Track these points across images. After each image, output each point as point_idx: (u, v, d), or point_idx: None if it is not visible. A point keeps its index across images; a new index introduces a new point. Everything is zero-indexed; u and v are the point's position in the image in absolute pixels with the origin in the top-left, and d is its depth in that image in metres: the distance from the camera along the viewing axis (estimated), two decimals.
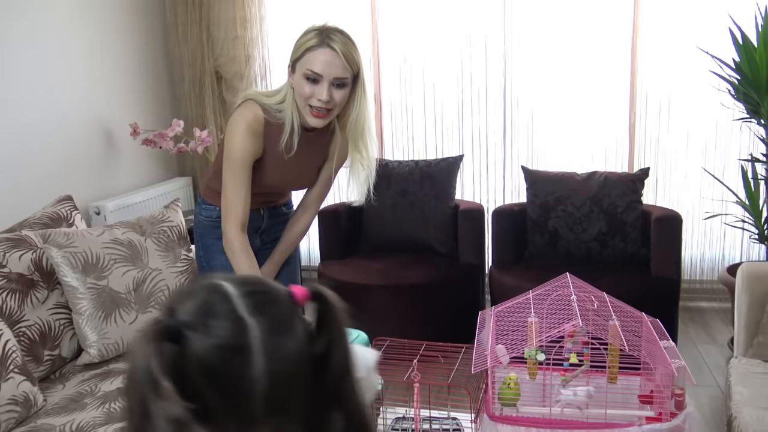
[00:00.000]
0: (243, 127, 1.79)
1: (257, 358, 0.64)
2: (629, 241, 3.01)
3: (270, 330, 0.65)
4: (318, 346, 0.69)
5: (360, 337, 1.54)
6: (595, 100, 3.47)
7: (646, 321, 1.41)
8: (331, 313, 0.70)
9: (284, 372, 0.65)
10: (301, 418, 0.69)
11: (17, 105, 2.66)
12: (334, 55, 1.69)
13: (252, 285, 0.69)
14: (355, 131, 1.84)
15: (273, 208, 2.05)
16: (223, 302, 0.66)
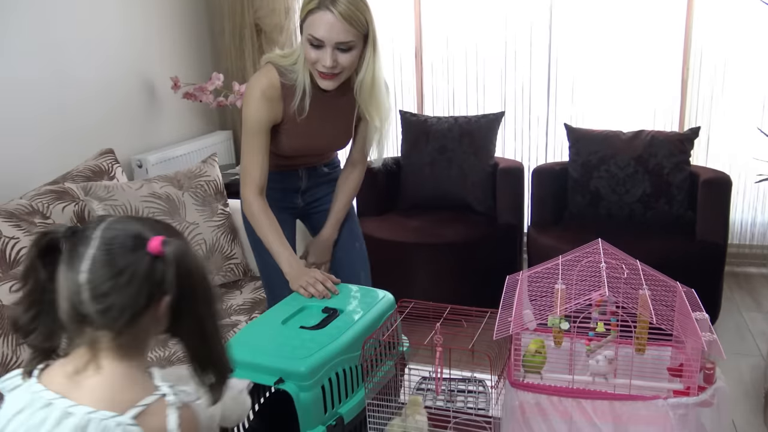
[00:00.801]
0: (257, 94, 1.77)
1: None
2: (675, 204, 2.90)
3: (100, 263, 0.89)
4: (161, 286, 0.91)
5: (386, 298, 1.53)
6: (645, 55, 3.31)
7: (680, 291, 1.36)
8: (170, 266, 0.89)
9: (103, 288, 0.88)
10: (119, 327, 0.90)
11: (61, 59, 2.70)
12: (335, 19, 1.60)
13: (115, 231, 0.92)
14: (363, 93, 1.77)
15: (312, 168, 2.02)
16: (84, 244, 0.90)
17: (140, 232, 0.91)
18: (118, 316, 0.88)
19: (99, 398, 0.89)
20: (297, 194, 2.04)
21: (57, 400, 0.89)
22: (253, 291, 2.41)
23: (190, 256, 0.92)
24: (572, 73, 3.43)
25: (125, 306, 0.88)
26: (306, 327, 1.40)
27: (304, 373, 1.23)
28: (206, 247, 2.41)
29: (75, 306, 0.88)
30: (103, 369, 0.90)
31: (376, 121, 1.82)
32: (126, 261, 0.89)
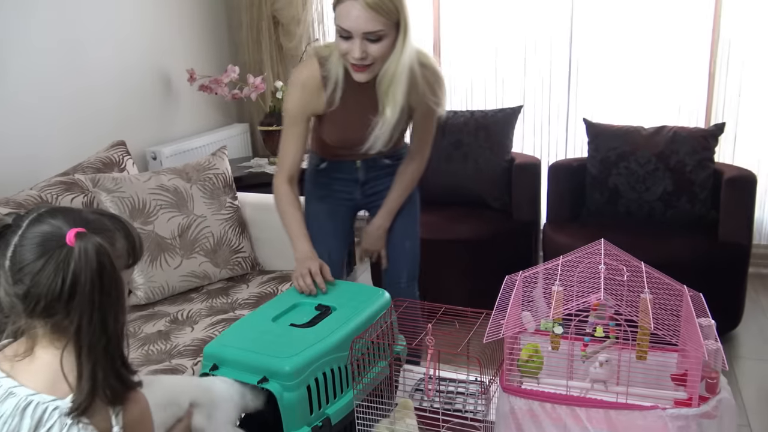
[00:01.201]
0: (297, 84, 1.78)
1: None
2: (697, 203, 2.80)
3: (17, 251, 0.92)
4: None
5: (382, 297, 1.50)
6: (671, 49, 3.20)
7: (686, 295, 1.30)
8: (76, 260, 0.91)
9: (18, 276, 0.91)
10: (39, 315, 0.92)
11: (77, 51, 2.71)
12: (361, 9, 1.55)
13: (41, 221, 0.94)
14: (383, 83, 1.70)
15: (371, 160, 1.96)
16: (13, 232, 0.93)
17: (60, 225, 0.94)
18: (35, 303, 0.91)
19: (40, 382, 0.93)
20: (356, 186, 2.01)
21: (2, 379, 0.94)
22: (260, 285, 2.40)
23: (96, 252, 0.92)
24: (594, 67, 3.33)
25: (39, 295, 0.91)
26: (296, 324, 1.36)
27: (289, 372, 1.20)
28: (213, 241, 2.40)
29: (6, 292, 0.93)
30: (40, 356, 0.94)
31: (387, 113, 1.73)
32: (40, 252, 0.91)
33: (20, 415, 0.90)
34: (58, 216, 0.95)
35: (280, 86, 3.35)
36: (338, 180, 1.99)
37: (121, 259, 0.99)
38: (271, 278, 2.46)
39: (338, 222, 2.04)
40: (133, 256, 1.02)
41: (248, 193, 2.71)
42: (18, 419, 0.89)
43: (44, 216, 0.95)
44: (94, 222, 0.97)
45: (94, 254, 0.92)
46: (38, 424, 0.90)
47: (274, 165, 3.33)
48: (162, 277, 2.28)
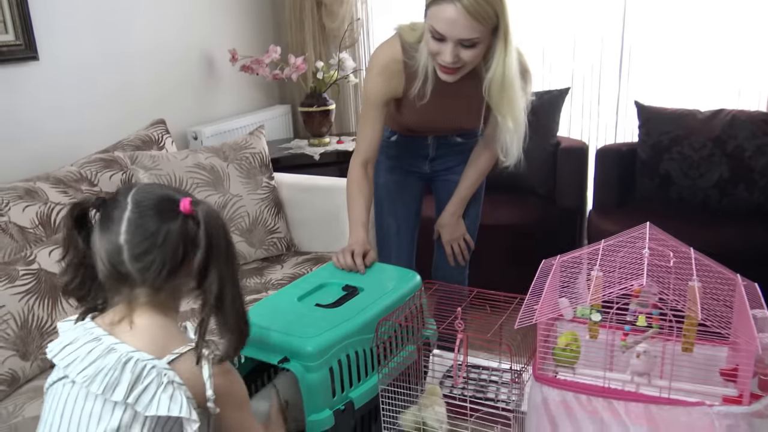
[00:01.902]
0: (378, 67, 1.72)
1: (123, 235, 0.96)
2: (756, 190, 2.64)
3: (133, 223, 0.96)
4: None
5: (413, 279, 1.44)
6: (729, 28, 3.01)
7: (739, 284, 1.20)
8: (200, 225, 0.96)
9: (142, 247, 0.96)
10: (158, 283, 0.97)
11: (121, 30, 2.73)
12: (459, 14, 1.45)
13: (146, 195, 0.99)
14: (492, 92, 1.62)
15: (443, 137, 1.94)
16: (118, 208, 0.98)
17: (169, 194, 0.99)
18: (157, 273, 0.96)
19: (140, 343, 0.96)
20: (425, 161, 1.99)
21: (105, 336, 0.97)
22: (294, 266, 2.37)
23: (216, 215, 0.98)
24: (647, 47, 3.17)
25: (163, 263, 0.95)
26: (321, 305, 1.32)
27: (311, 352, 1.16)
28: (249, 220, 2.39)
29: (115, 266, 0.96)
30: (138, 324, 0.98)
31: (509, 121, 1.65)
32: (160, 221, 0.96)
33: (121, 369, 0.93)
34: (161, 188, 1.02)
35: (321, 66, 3.30)
36: (408, 153, 1.97)
37: None
38: (306, 260, 2.44)
39: (407, 193, 2.02)
40: None
41: (285, 174, 2.69)
42: (119, 372, 0.93)
43: (145, 189, 1.00)
44: (186, 193, 1.03)
45: (218, 217, 0.98)
46: (137, 380, 0.93)
47: (315, 146, 3.31)
48: None
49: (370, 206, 1.78)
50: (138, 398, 0.93)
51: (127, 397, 0.92)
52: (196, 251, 0.96)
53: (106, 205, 0.99)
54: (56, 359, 0.98)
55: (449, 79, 1.62)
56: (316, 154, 3.19)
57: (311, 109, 3.30)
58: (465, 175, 1.95)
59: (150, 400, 0.93)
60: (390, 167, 2.00)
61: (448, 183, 2.00)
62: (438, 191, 2.06)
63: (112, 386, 0.93)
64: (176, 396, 0.94)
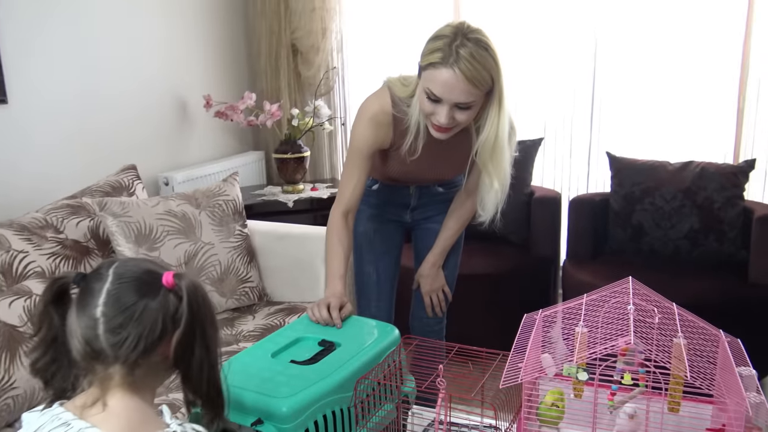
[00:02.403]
0: (367, 117, 1.72)
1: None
2: (726, 242, 2.68)
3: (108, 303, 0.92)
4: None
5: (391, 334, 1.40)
6: (698, 83, 3.10)
7: (723, 340, 1.18)
8: (183, 303, 0.94)
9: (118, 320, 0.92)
10: (132, 359, 0.92)
11: (95, 73, 2.69)
12: (457, 79, 1.48)
13: (128, 268, 0.96)
14: (484, 152, 1.63)
15: (425, 187, 1.94)
16: (98, 280, 0.94)
17: (152, 268, 0.97)
18: (131, 349, 0.91)
19: (112, 427, 0.91)
20: (407, 210, 1.98)
21: (74, 420, 0.91)
22: (267, 317, 2.31)
23: (200, 289, 0.96)
24: (618, 99, 3.25)
25: (139, 338, 0.91)
26: (297, 361, 1.27)
27: (286, 414, 1.11)
28: (221, 269, 2.32)
29: (89, 342, 0.91)
30: (112, 407, 0.93)
31: (495, 182, 1.67)
32: (140, 294, 0.93)
33: None
34: (144, 261, 0.99)
35: (296, 113, 3.30)
36: (390, 202, 1.96)
37: None
38: (279, 310, 2.37)
39: (388, 241, 2.01)
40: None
41: (258, 221, 2.64)
42: None
43: (127, 263, 0.97)
44: (168, 267, 1.01)
45: (201, 290, 0.95)
46: None
47: (288, 193, 3.27)
48: None
49: (348, 257, 1.75)
50: None
51: None
52: (176, 327, 0.93)
53: (86, 279, 0.95)
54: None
55: (442, 137, 1.62)
56: (289, 201, 3.16)
57: (286, 155, 3.29)
58: (445, 226, 1.95)
59: None
60: (371, 216, 1.98)
61: (428, 231, 1.99)
62: (417, 240, 2.05)
63: None
64: None
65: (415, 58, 1.61)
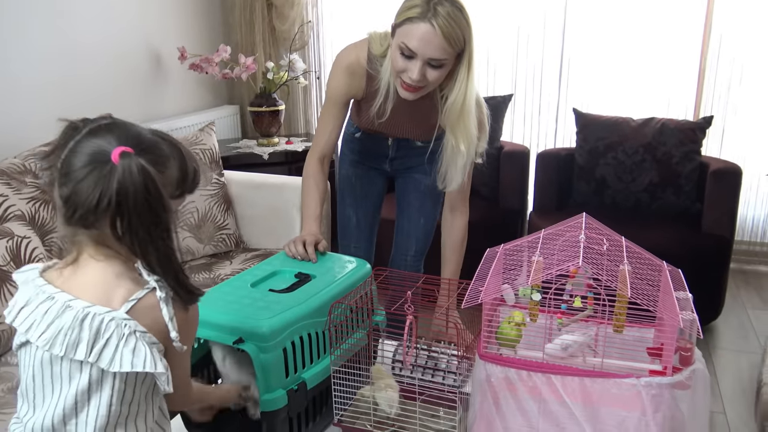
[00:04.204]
0: (343, 65, 1.76)
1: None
2: (682, 195, 2.82)
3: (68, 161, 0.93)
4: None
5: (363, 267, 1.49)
6: (662, 42, 3.21)
7: (665, 270, 1.30)
8: (116, 177, 0.91)
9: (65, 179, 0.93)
10: (75, 223, 0.93)
11: (70, 25, 2.68)
12: (433, 33, 1.51)
13: (107, 129, 0.95)
14: (452, 114, 1.67)
15: (404, 140, 1.96)
16: (77, 133, 0.95)
17: (111, 140, 0.93)
18: (73, 211, 0.92)
19: (94, 295, 0.95)
20: (386, 160, 2.01)
21: (58, 293, 0.96)
22: (243, 262, 2.39)
23: (146, 174, 0.91)
24: (586, 58, 3.34)
25: (78, 203, 0.92)
26: (275, 290, 1.36)
27: (265, 333, 1.20)
28: (198, 216, 2.39)
29: (56, 189, 0.94)
30: (87, 267, 0.97)
31: (462, 145, 1.69)
32: (89, 161, 0.92)
33: (79, 327, 0.92)
34: (114, 131, 0.95)
35: (271, 67, 3.33)
36: (369, 150, 2.01)
37: (169, 188, 0.97)
38: (255, 256, 2.45)
39: (369, 187, 2.06)
40: (182, 187, 1.01)
41: (235, 171, 2.70)
42: (77, 331, 0.92)
43: (102, 128, 0.95)
44: (148, 143, 0.96)
45: (138, 175, 0.91)
46: (97, 336, 0.92)
47: (263, 146, 3.32)
48: None
49: (324, 200, 1.82)
50: (100, 355, 0.92)
51: (89, 355, 0.92)
52: (109, 202, 0.91)
53: (77, 128, 0.95)
54: (15, 324, 0.98)
55: (409, 97, 1.65)
56: (265, 153, 3.21)
57: (261, 108, 3.32)
58: (445, 259, 1.94)
59: (112, 356, 0.92)
60: (353, 161, 2.04)
61: (409, 180, 2.03)
62: (398, 188, 2.09)
63: (74, 346, 0.92)
64: (139, 348, 0.93)
65: (392, 12, 1.64)
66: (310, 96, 3.80)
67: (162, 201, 0.93)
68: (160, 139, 0.99)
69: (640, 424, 1.14)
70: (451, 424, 1.30)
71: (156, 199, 0.92)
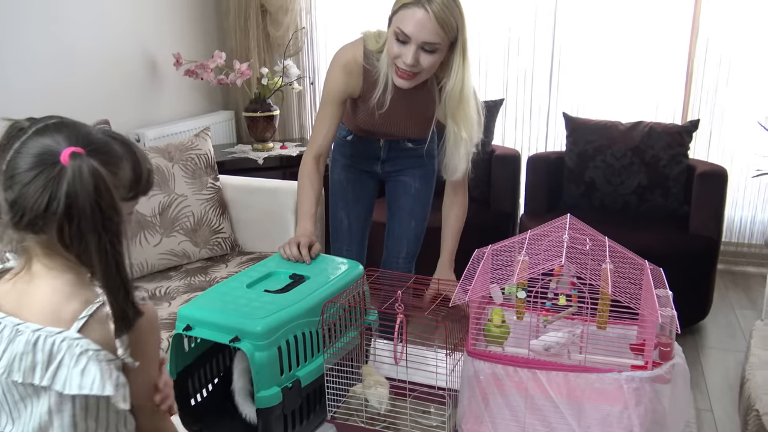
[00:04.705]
0: (339, 64, 1.81)
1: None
2: (670, 197, 2.87)
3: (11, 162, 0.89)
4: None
5: (356, 269, 1.53)
6: (650, 47, 3.27)
7: (647, 269, 1.35)
8: (66, 179, 0.86)
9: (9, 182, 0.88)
10: (23, 228, 0.89)
11: (65, 31, 2.72)
12: (427, 18, 1.58)
13: (54, 129, 0.91)
14: (451, 102, 1.72)
15: (395, 142, 2.01)
16: (23, 134, 0.90)
17: (61, 141, 0.89)
18: (20, 215, 0.88)
19: (44, 314, 0.91)
20: (377, 162, 2.06)
21: (4, 318, 0.92)
22: (239, 265, 2.42)
23: (96, 176, 0.87)
24: (576, 63, 3.40)
25: (25, 207, 0.87)
26: (270, 291, 1.40)
27: (260, 332, 1.23)
28: (194, 220, 2.43)
29: (3, 199, 0.89)
30: (38, 278, 0.93)
31: (463, 132, 1.74)
32: (35, 163, 0.87)
33: (32, 351, 0.89)
34: (63, 131, 0.90)
35: (265, 73, 3.37)
36: (361, 153, 2.06)
37: (121, 190, 0.93)
38: (250, 259, 2.49)
39: (360, 191, 2.10)
40: (135, 189, 0.97)
41: (230, 176, 2.74)
42: (32, 355, 0.89)
43: (50, 128, 0.91)
44: (99, 144, 0.92)
45: (89, 177, 0.86)
46: (50, 357, 0.89)
47: (258, 151, 3.36)
48: (141, 254, 2.30)
49: (319, 199, 1.86)
50: (54, 377, 0.89)
51: (43, 379, 0.89)
52: (58, 206, 0.87)
53: (22, 129, 0.91)
54: None
55: (404, 85, 1.71)
56: (259, 158, 3.25)
57: (255, 114, 3.37)
58: (444, 237, 2.00)
59: (65, 378, 0.88)
60: (345, 165, 2.09)
61: (399, 184, 2.08)
62: (389, 191, 2.14)
63: (30, 371, 0.89)
64: (89, 369, 0.89)
65: (384, 20, 1.71)
66: (304, 101, 3.85)
67: (114, 205, 0.88)
68: (111, 139, 0.95)
69: (623, 417, 1.18)
70: (440, 420, 1.34)
71: (107, 203, 0.88)
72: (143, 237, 2.30)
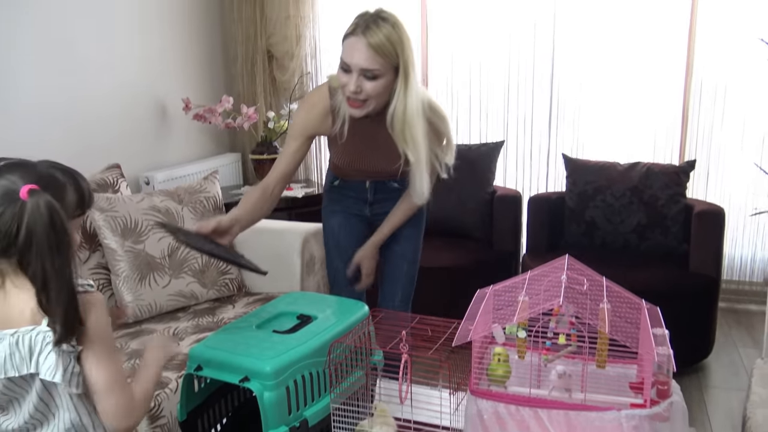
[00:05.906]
0: (307, 104, 1.94)
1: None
2: (669, 235, 2.92)
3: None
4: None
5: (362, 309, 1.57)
6: (646, 89, 3.36)
7: (644, 308, 1.39)
8: (23, 220, 1.06)
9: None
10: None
11: (76, 76, 2.82)
12: (363, 46, 1.68)
13: (18, 170, 1.11)
14: (396, 125, 1.80)
15: (380, 183, 2.08)
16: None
17: (16, 180, 1.09)
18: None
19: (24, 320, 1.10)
20: (365, 204, 2.13)
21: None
22: (246, 306, 2.46)
23: (52, 211, 1.07)
24: (574, 105, 3.49)
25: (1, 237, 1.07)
26: (278, 331, 1.44)
27: (269, 372, 1.27)
28: (202, 262, 2.47)
29: None
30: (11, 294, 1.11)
31: (410, 155, 1.83)
32: (3, 198, 1.07)
33: (17, 349, 1.08)
34: (15, 172, 1.10)
35: (272, 116, 3.47)
36: (349, 197, 2.13)
37: (70, 210, 1.14)
38: (257, 300, 2.53)
39: (351, 235, 2.16)
40: (81, 207, 1.18)
41: None
42: (18, 353, 1.08)
43: (2, 170, 1.10)
44: (46, 177, 1.12)
45: (45, 210, 1.07)
46: (31, 349, 1.08)
47: None
48: (150, 295, 2.35)
49: (250, 211, 1.92)
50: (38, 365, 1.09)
51: (30, 366, 1.08)
52: (20, 235, 1.07)
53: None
54: None
55: (356, 114, 1.80)
56: None
57: (262, 156, 3.45)
58: (392, 212, 2.09)
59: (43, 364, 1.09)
60: (334, 211, 2.16)
61: None
62: None
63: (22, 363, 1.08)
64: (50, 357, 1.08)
65: None
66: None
67: (66, 235, 1.09)
68: (54, 170, 1.15)
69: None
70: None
71: (61, 232, 1.08)
72: (152, 279, 2.35)
